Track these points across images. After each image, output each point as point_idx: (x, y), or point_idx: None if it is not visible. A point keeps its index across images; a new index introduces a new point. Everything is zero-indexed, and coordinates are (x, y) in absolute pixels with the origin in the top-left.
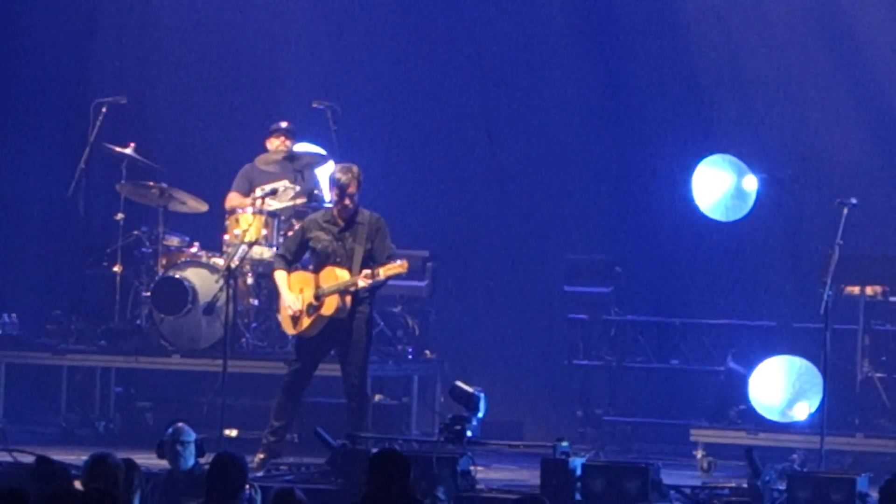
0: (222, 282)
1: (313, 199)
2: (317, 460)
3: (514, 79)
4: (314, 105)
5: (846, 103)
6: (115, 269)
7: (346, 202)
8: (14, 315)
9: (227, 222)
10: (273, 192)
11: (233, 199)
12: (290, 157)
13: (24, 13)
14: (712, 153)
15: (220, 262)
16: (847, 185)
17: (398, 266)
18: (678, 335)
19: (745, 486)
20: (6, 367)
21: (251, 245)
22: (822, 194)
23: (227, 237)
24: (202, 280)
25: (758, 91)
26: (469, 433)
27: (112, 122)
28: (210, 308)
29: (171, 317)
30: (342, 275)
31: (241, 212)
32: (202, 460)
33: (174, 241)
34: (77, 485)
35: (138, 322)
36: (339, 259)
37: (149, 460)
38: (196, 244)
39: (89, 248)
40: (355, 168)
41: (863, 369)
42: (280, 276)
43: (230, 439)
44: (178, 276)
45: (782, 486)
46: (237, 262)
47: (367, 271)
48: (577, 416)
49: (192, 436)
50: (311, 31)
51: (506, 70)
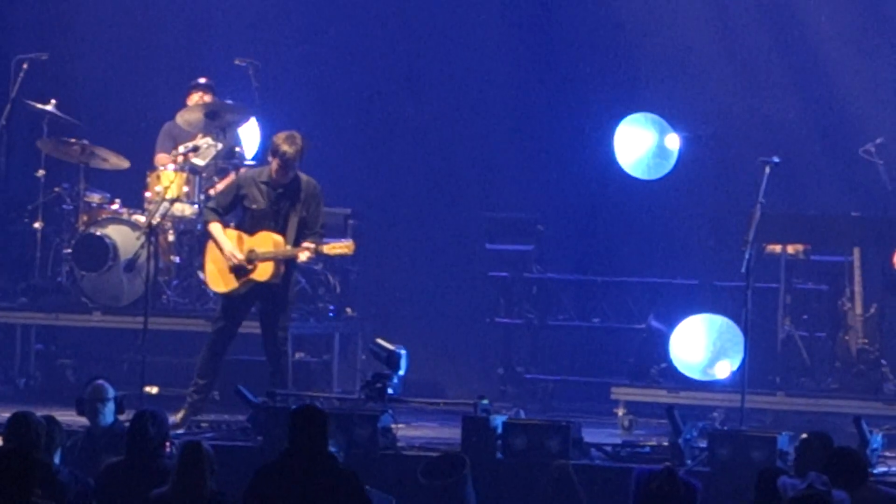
0: (143, 239)
1: (234, 156)
2: (238, 418)
3: (437, 35)
4: (236, 62)
5: (769, 61)
6: (36, 225)
7: (288, 170)
8: None
9: (149, 179)
10: (195, 149)
11: (161, 159)
12: (212, 114)
13: None
14: (634, 111)
15: (141, 219)
16: (769, 144)
17: (344, 246)
18: (600, 293)
19: (666, 444)
20: None
21: (172, 202)
22: (743, 153)
23: (148, 194)
24: (123, 237)
25: (680, 49)
26: (390, 391)
27: (33, 78)
28: (131, 265)
29: (92, 274)
30: (279, 242)
31: (162, 168)
32: (122, 417)
33: (95, 197)
34: None
35: (59, 279)
36: (272, 223)
37: (69, 417)
38: (117, 201)
39: (10, 205)
40: (300, 139)
41: (784, 328)
42: (216, 227)
43: (150, 396)
44: (99, 233)
45: (703, 445)
46: (158, 219)
47: (310, 246)
48: (499, 373)
49: (111, 393)
50: None
51: (428, 26)
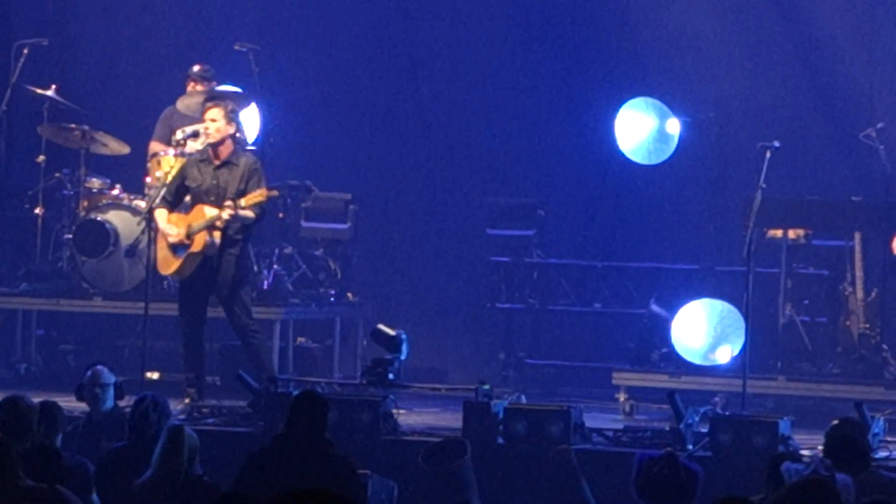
0: (144, 224)
1: (235, 141)
2: (239, 403)
3: (439, 19)
4: (236, 47)
5: (770, 46)
6: (37, 211)
7: (219, 146)
8: None
9: (149, 165)
10: (194, 135)
11: (154, 147)
12: (211, 98)
13: None
14: (635, 96)
15: (141, 204)
16: (770, 129)
17: (257, 195)
18: (601, 278)
19: (667, 429)
20: None
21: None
22: (744, 137)
23: (148, 179)
24: (124, 222)
25: (681, 34)
26: (391, 376)
27: (33, 63)
28: (132, 250)
29: (93, 259)
30: (209, 211)
31: (162, 154)
32: (122, 403)
33: (96, 183)
34: None
35: (60, 265)
36: (212, 197)
37: (70, 403)
38: (118, 187)
39: (10, 191)
40: (225, 106)
41: (785, 313)
42: (160, 213)
43: (151, 382)
44: (99, 218)
45: (704, 430)
46: (156, 207)
47: (228, 202)
48: (500, 359)
49: (111, 378)
50: None
51: (429, 10)
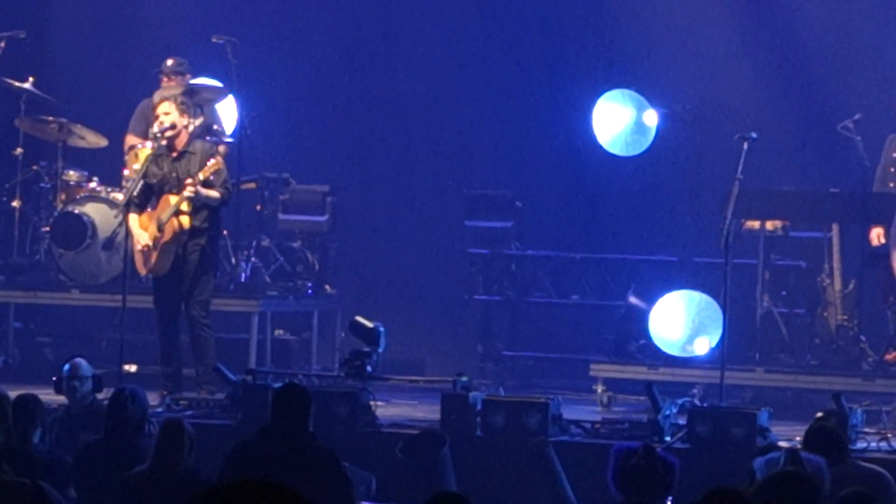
0: (121, 217)
1: (212, 133)
2: (217, 395)
3: (416, 11)
4: (213, 40)
5: (747, 37)
6: (14, 204)
7: (175, 137)
8: None
9: (127, 157)
10: (172, 127)
11: (131, 140)
12: (188, 92)
13: None
14: (612, 88)
15: (119, 196)
16: (747, 120)
17: (213, 165)
18: (579, 270)
19: (645, 420)
20: None
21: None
22: (722, 129)
23: (126, 172)
24: (101, 215)
25: (659, 25)
26: (369, 368)
27: (10, 56)
28: (109, 243)
29: (71, 252)
30: (173, 199)
31: (140, 147)
32: (100, 396)
33: (73, 176)
34: None
35: (37, 257)
36: (174, 189)
37: (48, 396)
38: (95, 179)
39: None
40: (175, 99)
41: (763, 304)
42: (131, 218)
43: (129, 375)
44: (77, 211)
45: (682, 421)
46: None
47: (188, 181)
48: (478, 351)
49: (89, 371)
50: None
51: (407, 2)
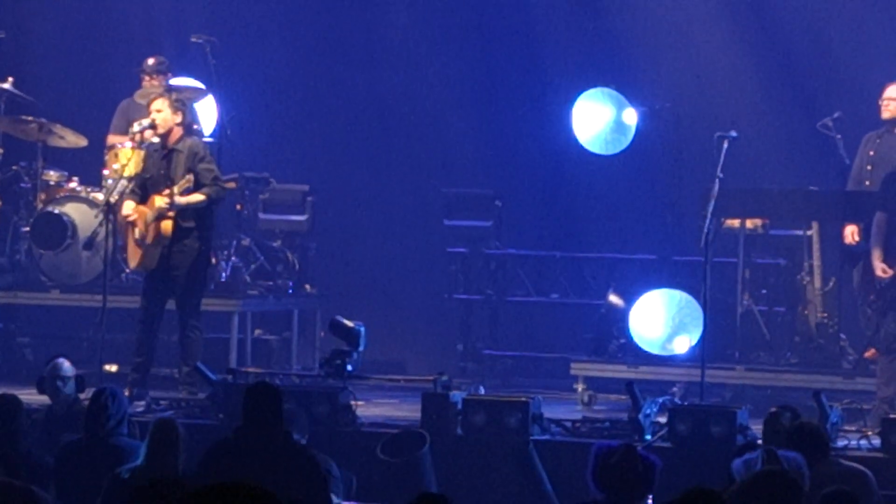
0: (102, 217)
1: (192, 132)
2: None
3: (394, 10)
4: (193, 39)
5: (726, 35)
6: None
7: (164, 135)
8: None
9: (107, 157)
10: (152, 126)
11: (112, 139)
12: (168, 91)
13: None
14: (592, 86)
15: (99, 196)
16: (726, 118)
17: (185, 181)
18: (558, 269)
19: (625, 419)
20: None
21: (130, 179)
22: (701, 127)
23: (106, 172)
24: (81, 215)
25: (638, 23)
26: (349, 367)
27: None
28: (89, 243)
29: (51, 252)
30: (158, 202)
31: (119, 146)
32: (82, 396)
33: (53, 175)
34: None
35: (17, 257)
36: (161, 187)
37: (29, 396)
38: (75, 179)
39: None
40: (169, 96)
41: (743, 302)
42: (127, 204)
43: (110, 374)
44: (57, 211)
45: (663, 420)
46: (116, 197)
47: (166, 192)
48: (458, 350)
49: (71, 371)
50: None
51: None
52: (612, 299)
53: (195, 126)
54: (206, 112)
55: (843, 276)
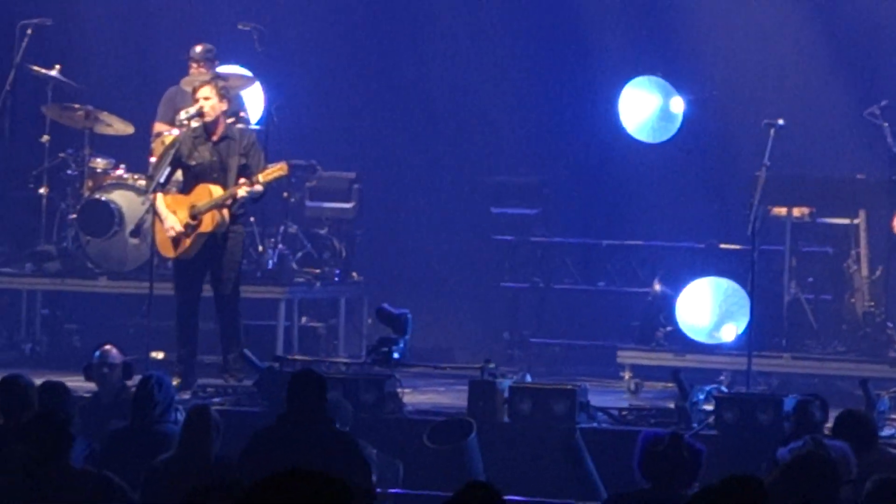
0: (148, 204)
1: (239, 120)
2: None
3: None
4: (240, 27)
5: (774, 24)
6: (41, 191)
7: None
8: None
9: (153, 144)
10: (199, 114)
11: (158, 127)
12: (215, 79)
13: None
14: (639, 74)
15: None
16: (774, 106)
17: (277, 169)
18: (605, 257)
19: (672, 407)
20: None
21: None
22: (748, 115)
23: (153, 159)
24: (128, 202)
25: (686, 12)
26: (396, 355)
27: (37, 44)
28: (136, 230)
29: (98, 239)
30: (216, 190)
31: (166, 134)
32: (129, 383)
33: (100, 163)
34: None
35: (64, 244)
36: (214, 174)
37: (76, 383)
38: (122, 166)
39: (15, 171)
40: (216, 84)
41: (790, 290)
42: (159, 199)
43: (156, 361)
44: (104, 198)
45: (710, 408)
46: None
47: (244, 180)
48: (505, 338)
49: (119, 358)
50: None
51: None
52: (659, 287)
53: (242, 114)
54: (253, 100)
55: (891, 265)
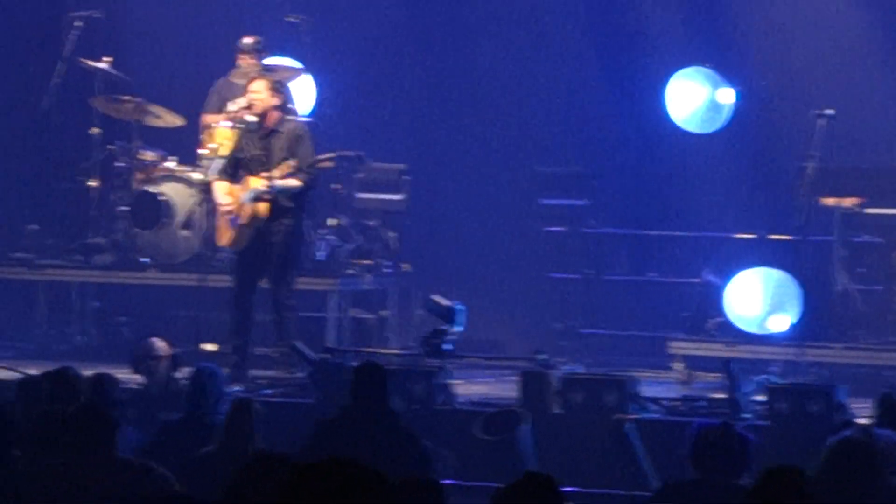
0: (199, 196)
1: (287, 112)
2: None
3: None
4: (288, 18)
5: (823, 14)
6: (91, 183)
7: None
8: None
9: (203, 136)
10: (248, 107)
11: (207, 118)
12: (265, 71)
13: None
14: (687, 65)
15: (195, 176)
16: (823, 96)
17: (286, 166)
18: (655, 247)
19: (723, 398)
20: None
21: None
22: (797, 105)
23: (202, 151)
24: (178, 194)
25: (733, 2)
26: (447, 346)
27: (86, 36)
28: (186, 222)
29: (148, 231)
30: (254, 182)
31: (215, 125)
32: (178, 375)
33: (150, 155)
34: None
35: (114, 237)
36: (258, 167)
37: (126, 375)
38: (172, 158)
39: (64, 164)
40: (268, 79)
41: (840, 281)
42: (218, 184)
43: (207, 353)
44: (154, 190)
45: (761, 398)
46: (214, 176)
47: (264, 174)
48: (555, 329)
49: (166, 350)
50: None
51: None
52: (709, 277)
53: (289, 106)
54: (303, 92)
55: None
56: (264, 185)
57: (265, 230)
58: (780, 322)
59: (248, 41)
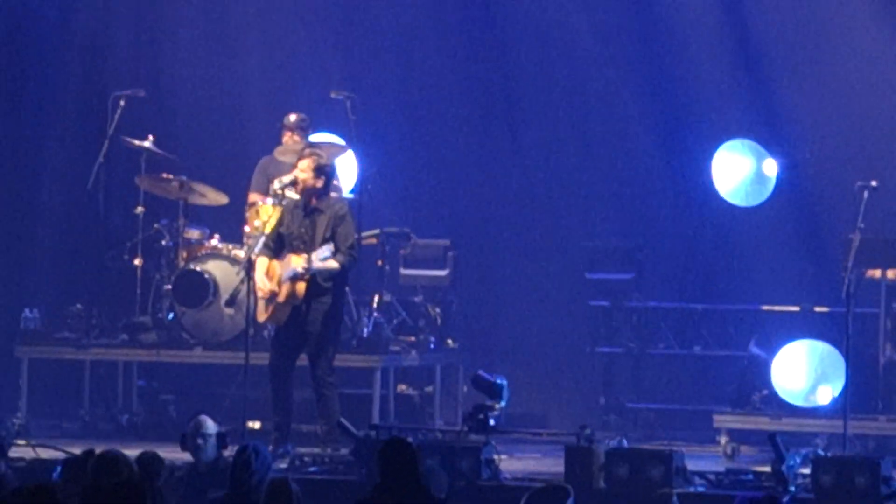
0: (243, 274)
1: (332, 190)
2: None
3: (533, 61)
4: (332, 95)
5: (866, 85)
6: (136, 262)
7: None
8: (35, 310)
9: (248, 214)
10: (293, 184)
11: (253, 197)
12: (313, 150)
13: (39, 8)
14: (731, 138)
15: (240, 254)
16: (867, 168)
17: (324, 248)
18: (700, 321)
19: (769, 471)
20: (29, 361)
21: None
22: (842, 177)
23: (247, 229)
24: (223, 272)
25: (776, 74)
26: (492, 422)
27: (130, 115)
28: (231, 300)
29: (193, 310)
30: (295, 262)
31: (261, 203)
32: (225, 452)
33: (194, 233)
34: None
35: (159, 315)
36: (300, 245)
37: (172, 453)
38: (216, 236)
39: (109, 242)
40: (316, 159)
41: (885, 353)
42: (260, 261)
43: (253, 431)
44: (198, 268)
45: (807, 471)
46: (258, 254)
47: (304, 255)
48: (600, 403)
49: (213, 428)
50: (326, 20)
51: (525, 54)
52: (754, 351)
53: (334, 182)
54: (347, 168)
55: None
56: (302, 267)
57: (302, 309)
58: (826, 394)
59: (293, 118)
